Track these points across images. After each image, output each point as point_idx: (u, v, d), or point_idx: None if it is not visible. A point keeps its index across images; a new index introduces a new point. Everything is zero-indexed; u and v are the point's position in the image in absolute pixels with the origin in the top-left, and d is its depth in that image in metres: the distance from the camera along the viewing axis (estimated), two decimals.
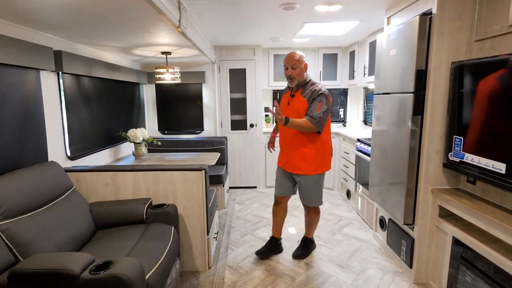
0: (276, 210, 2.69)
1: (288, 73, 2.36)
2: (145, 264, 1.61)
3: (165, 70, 3.34)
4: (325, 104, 2.28)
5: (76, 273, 1.33)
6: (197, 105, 4.45)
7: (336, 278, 2.36)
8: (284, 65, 2.39)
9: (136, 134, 3.18)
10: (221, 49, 4.39)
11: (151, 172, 2.33)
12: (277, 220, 2.70)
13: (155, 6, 1.66)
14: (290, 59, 2.35)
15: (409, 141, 2.17)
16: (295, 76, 2.35)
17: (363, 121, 4.61)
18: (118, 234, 2.01)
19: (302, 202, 2.59)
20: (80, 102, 2.72)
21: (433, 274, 2.18)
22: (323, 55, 4.62)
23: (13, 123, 1.92)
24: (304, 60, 2.36)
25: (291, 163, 2.47)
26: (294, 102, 2.41)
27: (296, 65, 2.33)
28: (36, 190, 1.77)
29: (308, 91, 2.35)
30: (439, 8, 1.97)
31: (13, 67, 1.92)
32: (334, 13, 2.79)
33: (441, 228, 2.07)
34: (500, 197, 1.80)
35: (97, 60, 2.91)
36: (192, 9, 2.57)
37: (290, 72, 2.35)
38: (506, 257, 1.52)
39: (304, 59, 2.37)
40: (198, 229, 2.41)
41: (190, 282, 2.32)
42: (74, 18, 1.88)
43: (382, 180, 2.59)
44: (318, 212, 2.65)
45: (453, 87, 1.98)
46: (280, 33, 3.61)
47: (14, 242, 1.52)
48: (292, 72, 2.34)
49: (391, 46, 2.41)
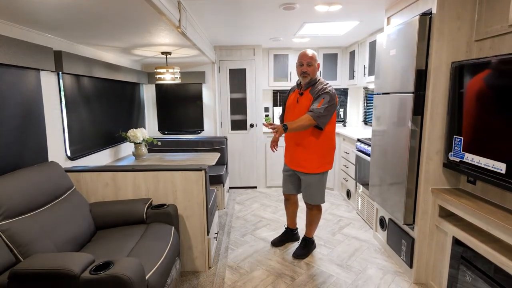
0: (287, 205, 2.87)
1: (304, 69, 2.43)
2: (145, 264, 1.61)
3: (165, 70, 3.34)
4: (328, 102, 2.33)
5: (76, 273, 1.33)
6: (197, 105, 4.45)
7: (336, 278, 2.36)
8: (300, 61, 2.45)
9: (136, 134, 3.18)
10: (221, 49, 4.39)
11: (151, 172, 2.33)
12: (289, 213, 2.87)
13: (155, 6, 1.66)
14: (305, 56, 2.42)
15: (409, 141, 2.17)
16: (309, 73, 2.43)
17: (363, 121, 4.61)
18: (118, 234, 2.01)
19: (304, 200, 2.63)
20: (80, 102, 2.72)
21: (433, 274, 2.18)
22: (323, 55, 4.62)
23: (13, 123, 1.92)
24: (317, 59, 2.47)
25: (295, 160, 2.56)
26: (303, 100, 2.48)
27: (311, 62, 2.42)
28: (36, 190, 1.77)
29: (316, 90, 2.43)
30: (439, 8, 1.97)
31: (13, 67, 1.92)
32: (334, 13, 2.79)
33: (441, 228, 2.07)
34: (500, 197, 1.80)
35: (97, 60, 2.91)
36: (192, 9, 2.57)
37: (305, 69, 2.42)
38: (506, 257, 1.52)
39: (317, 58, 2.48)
40: (198, 229, 2.41)
41: (190, 282, 2.32)
42: (74, 18, 1.88)
43: (382, 180, 2.59)
44: (320, 210, 2.67)
45: (453, 87, 1.98)
46: (280, 33, 3.61)
47: (14, 242, 1.52)
48: (307, 69, 2.42)
49: (391, 46, 2.41)
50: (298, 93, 2.54)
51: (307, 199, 2.60)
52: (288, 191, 2.74)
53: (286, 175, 2.71)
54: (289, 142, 2.60)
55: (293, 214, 2.88)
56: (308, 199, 2.59)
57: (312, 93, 2.44)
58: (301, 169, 2.53)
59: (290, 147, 2.60)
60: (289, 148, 2.61)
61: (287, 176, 2.71)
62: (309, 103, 2.42)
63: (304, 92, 2.48)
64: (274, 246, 2.84)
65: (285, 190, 2.76)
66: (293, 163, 2.57)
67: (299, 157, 2.52)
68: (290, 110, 2.57)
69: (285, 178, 2.73)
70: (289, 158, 2.62)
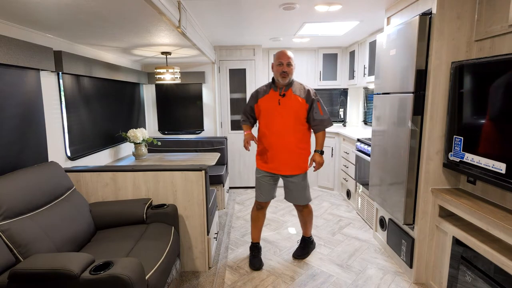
0: (259, 215, 2.62)
1: (284, 69, 2.35)
2: (145, 264, 1.61)
3: (165, 70, 3.34)
4: (322, 103, 2.45)
5: (76, 273, 1.33)
6: (197, 105, 4.45)
7: (336, 278, 2.36)
8: (279, 61, 2.35)
9: (136, 134, 3.19)
10: (221, 49, 4.39)
11: (151, 172, 2.33)
12: (260, 224, 2.65)
13: (155, 7, 1.66)
14: (285, 56, 2.36)
15: (409, 141, 2.17)
16: (289, 73, 2.37)
17: (363, 121, 4.61)
18: (118, 234, 2.01)
19: (294, 203, 2.57)
20: (80, 102, 2.72)
21: (433, 274, 2.18)
22: (323, 55, 4.62)
23: (13, 123, 1.92)
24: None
25: (287, 165, 2.42)
26: (287, 101, 2.39)
27: (291, 62, 2.37)
28: (36, 191, 1.77)
29: (300, 91, 2.41)
30: (439, 8, 1.97)
31: (13, 67, 1.92)
32: (334, 13, 2.79)
33: (441, 228, 2.07)
34: (500, 197, 1.80)
35: (97, 60, 2.91)
36: (192, 9, 2.57)
37: (285, 69, 2.35)
38: (506, 257, 1.52)
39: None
40: (198, 229, 2.41)
41: (190, 282, 2.32)
42: (74, 18, 1.88)
43: (382, 180, 2.59)
44: (311, 207, 2.65)
45: (453, 87, 1.98)
46: (280, 33, 3.61)
47: (14, 242, 1.52)
48: (287, 69, 2.36)
49: (391, 46, 2.41)
50: (278, 94, 2.41)
51: (298, 201, 2.53)
52: (268, 198, 2.54)
53: (267, 181, 2.50)
54: (276, 148, 2.42)
55: (261, 226, 2.67)
56: (298, 200, 2.53)
57: (299, 94, 2.38)
58: (290, 171, 2.42)
59: (276, 152, 2.42)
60: (275, 153, 2.43)
61: (267, 182, 2.50)
62: (298, 104, 2.36)
63: (287, 93, 2.39)
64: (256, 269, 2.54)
65: (264, 198, 2.53)
66: (281, 167, 2.44)
67: (288, 160, 2.41)
68: (271, 114, 2.40)
69: (265, 185, 2.50)
70: (276, 164, 2.44)
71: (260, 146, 2.50)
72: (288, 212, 3.71)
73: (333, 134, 4.34)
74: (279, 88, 2.42)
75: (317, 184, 4.64)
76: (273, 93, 2.43)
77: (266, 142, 2.45)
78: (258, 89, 2.54)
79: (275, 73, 2.40)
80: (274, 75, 2.42)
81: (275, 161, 2.44)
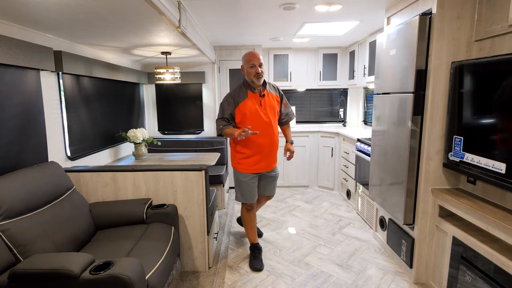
0: (251, 216, 2.65)
1: (258, 70, 2.38)
2: (145, 264, 1.61)
3: (165, 70, 3.34)
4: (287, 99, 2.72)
5: (76, 273, 1.33)
6: (197, 105, 4.45)
7: (336, 278, 2.36)
8: (252, 63, 2.36)
9: (136, 134, 3.19)
10: (221, 49, 4.39)
11: (151, 172, 2.33)
12: (254, 224, 2.69)
13: (155, 7, 1.66)
14: (256, 57, 2.40)
15: (409, 141, 2.17)
16: (263, 74, 2.43)
17: (363, 121, 4.61)
18: (118, 234, 2.01)
19: (270, 195, 2.75)
20: (80, 102, 2.72)
21: (433, 274, 2.18)
22: (323, 55, 4.62)
23: (13, 123, 1.92)
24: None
25: (274, 160, 2.62)
26: (267, 101, 2.50)
27: (262, 63, 2.43)
28: (36, 190, 1.77)
29: (272, 89, 2.58)
30: (439, 8, 1.97)
31: (13, 67, 1.92)
32: (334, 13, 2.79)
33: (441, 228, 2.07)
34: (500, 197, 1.80)
35: (97, 60, 2.91)
36: (192, 9, 2.57)
37: (260, 70, 2.39)
38: (506, 257, 1.52)
39: None
40: (198, 229, 2.41)
41: (190, 282, 2.32)
42: (74, 18, 1.88)
43: (382, 180, 2.60)
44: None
45: (453, 87, 1.98)
46: (280, 33, 3.61)
47: (14, 242, 1.52)
48: (261, 70, 2.40)
49: (391, 46, 2.41)
50: (258, 96, 2.45)
51: (273, 191, 2.74)
52: (256, 198, 2.61)
53: (254, 182, 2.54)
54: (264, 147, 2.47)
55: (255, 224, 2.73)
56: (273, 191, 2.74)
57: (274, 92, 2.58)
58: (275, 164, 2.63)
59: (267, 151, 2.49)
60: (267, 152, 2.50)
61: (254, 183, 2.55)
62: (275, 102, 2.55)
63: (265, 93, 2.49)
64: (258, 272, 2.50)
65: (254, 199, 2.58)
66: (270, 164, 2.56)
67: (275, 155, 2.60)
68: (256, 116, 2.42)
69: (253, 186, 2.54)
70: (266, 162, 2.52)
71: (247, 152, 2.48)
72: (288, 212, 3.71)
73: (333, 134, 4.34)
74: (256, 89, 2.47)
75: (317, 184, 4.64)
76: (252, 95, 2.45)
77: (253, 146, 2.46)
78: (233, 94, 2.48)
79: (247, 75, 2.42)
80: (247, 77, 2.44)
81: (265, 160, 2.54)
